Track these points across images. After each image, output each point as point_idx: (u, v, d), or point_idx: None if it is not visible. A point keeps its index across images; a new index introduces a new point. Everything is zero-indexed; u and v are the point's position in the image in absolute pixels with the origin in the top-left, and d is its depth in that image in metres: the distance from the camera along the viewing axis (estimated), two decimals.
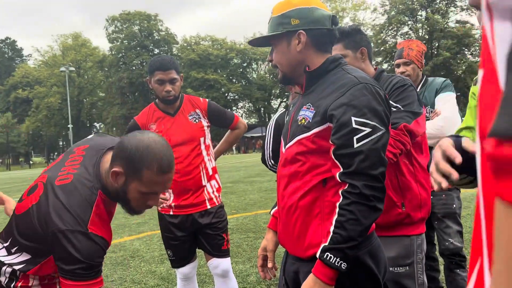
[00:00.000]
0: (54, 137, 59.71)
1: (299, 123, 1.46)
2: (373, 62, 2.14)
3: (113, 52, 55.20)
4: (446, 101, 2.70)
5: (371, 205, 1.27)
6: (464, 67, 47.45)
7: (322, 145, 1.39)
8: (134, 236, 6.20)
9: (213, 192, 2.74)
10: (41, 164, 59.09)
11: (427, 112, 2.63)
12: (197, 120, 2.72)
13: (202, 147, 2.71)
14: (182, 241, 2.72)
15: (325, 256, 1.27)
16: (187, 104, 2.76)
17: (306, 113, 1.45)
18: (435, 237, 2.90)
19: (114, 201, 1.61)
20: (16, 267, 1.54)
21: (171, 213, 2.70)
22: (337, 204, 1.31)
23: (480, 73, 0.42)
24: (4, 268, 1.55)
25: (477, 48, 47.37)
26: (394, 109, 1.82)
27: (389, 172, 1.85)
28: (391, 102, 1.84)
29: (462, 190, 2.92)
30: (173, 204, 2.68)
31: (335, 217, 1.30)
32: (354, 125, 1.31)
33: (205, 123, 2.75)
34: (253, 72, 59.84)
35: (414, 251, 1.90)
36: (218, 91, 52.52)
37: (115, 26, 55.24)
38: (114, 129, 55.41)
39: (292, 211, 1.46)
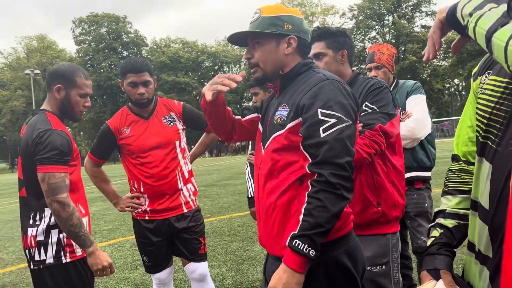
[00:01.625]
0: (19, 142, 57.43)
1: (275, 122, 1.52)
2: None
3: (80, 55, 53.95)
4: (417, 103, 2.77)
5: (338, 193, 1.30)
6: (429, 71, 49.03)
7: (294, 140, 1.44)
8: (105, 242, 6.06)
9: (189, 195, 2.70)
10: (4, 170, 56.79)
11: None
12: (172, 124, 2.68)
13: (178, 150, 2.67)
14: (158, 247, 2.67)
15: (293, 243, 1.29)
16: (162, 107, 2.71)
17: (282, 113, 1.51)
18: (408, 236, 2.97)
19: (61, 117, 2.19)
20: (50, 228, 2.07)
21: (147, 218, 2.65)
22: (306, 193, 1.34)
23: None
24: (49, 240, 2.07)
25: (442, 52, 48.99)
26: (370, 111, 1.87)
27: (365, 172, 1.90)
28: (366, 103, 1.89)
29: (432, 190, 3.01)
30: (148, 209, 2.63)
31: (304, 205, 1.33)
32: (320, 117, 1.36)
33: (180, 126, 2.71)
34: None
35: (390, 250, 1.94)
36: (190, 94, 52.17)
37: (82, 28, 54.03)
38: (82, 133, 54.08)
39: (270, 211, 1.49)
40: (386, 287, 1.92)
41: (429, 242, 1.24)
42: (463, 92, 51.76)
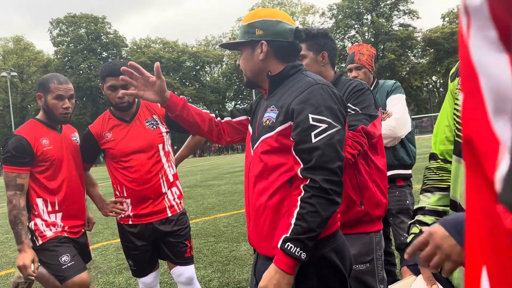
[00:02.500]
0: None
1: (264, 124, 1.54)
2: None
3: (58, 56, 52.94)
4: (397, 103, 2.83)
5: (330, 198, 1.34)
6: (408, 68, 49.81)
7: (284, 143, 1.47)
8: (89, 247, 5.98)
9: (174, 199, 2.67)
10: None
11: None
12: (154, 127, 2.65)
13: (161, 153, 2.64)
14: (143, 251, 2.65)
15: (286, 246, 1.33)
16: (144, 110, 2.68)
17: (270, 114, 1.53)
18: (391, 233, 3.03)
19: (47, 123, 2.53)
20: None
21: (130, 222, 2.62)
22: (299, 198, 1.38)
23: (461, 98, 0.41)
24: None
25: (419, 50, 49.89)
26: (353, 112, 1.91)
27: (348, 172, 1.93)
28: (349, 105, 1.92)
29: (414, 186, 3.08)
30: (131, 214, 2.61)
31: (297, 209, 1.36)
32: (311, 122, 1.39)
33: (163, 129, 2.68)
34: (207, 75, 59.58)
35: (373, 248, 1.98)
36: None
37: (60, 29, 53.00)
38: None
39: (260, 212, 1.52)
40: (371, 284, 1.96)
41: (409, 238, 1.28)
42: (441, 89, 52.77)
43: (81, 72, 52.27)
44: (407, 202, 2.85)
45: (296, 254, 1.32)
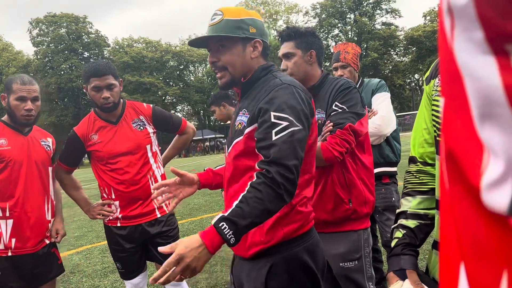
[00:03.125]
0: None
1: (236, 128, 1.55)
2: None
3: (38, 56, 51.92)
4: (382, 101, 2.85)
5: (279, 192, 1.30)
6: (390, 67, 50.45)
7: (251, 145, 1.47)
8: (73, 250, 5.89)
9: (163, 200, 2.66)
10: None
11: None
12: (141, 128, 2.62)
13: (149, 154, 2.61)
14: (132, 253, 2.62)
15: (219, 225, 1.26)
16: (130, 111, 2.64)
17: (242, 118, 1.54)
18: (377, 230, 3.05)
19: (11, 125, 2.48)
20: None
21: (119, 224, 2.59)
22: (249, 183, 1.34)
23: (441, 102, 0.40)
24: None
25: (402, 48, 50.55)
26: (340, 110, 1.92)
27: (336, 170, 1.94)
28: (336, 103, 1.93)
29: (399, 183, 3.11)
30: (120, 216, 2.57)
31: (243, 193, 1.32)
32: (272, 119, 1.39)
33: (150, 129, 2.65)
34: (191, 74, 59.23)
35: (362, 245, 1.99)
36: (155, 94, 51.27)
37: (39, 29, 51.99)
38: None
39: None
40: (360, 282, 1.97)
41: (393, 243, 1.28)
42: (423, 87, 53.52)
43: (62, 72, 51.42)
44: (393, 199, 2.88)
45: (227, 236, 1.25)
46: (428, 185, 1.29)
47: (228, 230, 1.25)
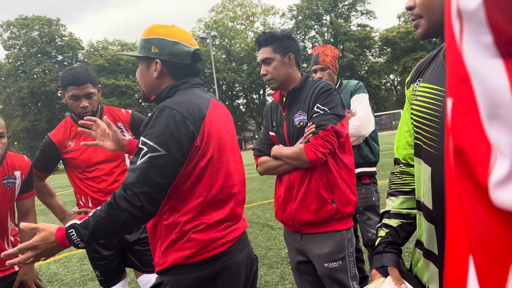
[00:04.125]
0: None
1: None
2: None
3: (10, 60, 50.50)
4: (360, 102, 2.90)
5: (121, 216, 1.33)
6: (366, 68, 51.25)
7: None
8: (50, 259, 5.74)
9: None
10: None
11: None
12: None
13: (127, 162, 2.56)
14: (110, 260, 2.57)
15: (69, 230, 1.38)
16: (108, 117, 2.59)
17: None
18: (358, 230, 3.09)
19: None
20: None
21: None
22: (106, 200, 1.42)
23: (449, 103, 0.40)
24: None
25: (377, 49, 51.44)
26: (322, 112, 1.94)
27: (319, 171, 1.96)
28: (318, 105, 1.95)
29: (378, 182, 3.16)
30: None
31: (98, 207, 1.40)
32: (140, 144, 1.38)
33: (128, 136, 2.57)
34: None
35: (345, 245, 2.02)
36: (131, 97, 50.57)
37: (11, 32, 50.61)
38: (16, 143, 50.74)
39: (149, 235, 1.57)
40: (344, 281, 1.99)
41: (377, 241, 1.32)
42: (399, 87, 54.63)
43: (35, 76, 50.19)
44: (373, 199, 2.92)
45: (75, 241, 1.37)
46: (410, 185, 1.32)
47: (76, 236, 1.36)
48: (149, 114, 1.70)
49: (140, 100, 51.32)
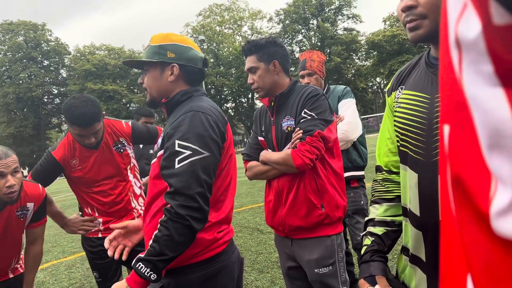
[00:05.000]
0: None
1: (154, 150, 1.60)
2: None
3: None
4: (348, 107, 2.92)
5: (185, 224, 1.35)
6: (353, 71, 51.64)
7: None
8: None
9: (141, 208, 2.73)
10: None
11: None
12: (122, 150, 2.59)
13: (129, 173, 2.65)
14: (110, 262, 2.67)
15: (137, 266, 1.36)
16: (110, 134, 2.59)
17: (159, 140, 1.58)
18: (347, 233, 3.11)
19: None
20: None
21: (100, 235, 2.63)
22: (159, 220, 1.40)
23: (446, 130, 0.40)
24: None
25: (363, 53, 51.89)
26: (309, 117, 1.95)
27: (308, 176, 1.97)
28: (305, 110, 1.96)
29: (367, 184, 3.18)
30: (101, 228, 2.62)
31: (155, 231, 1.39)
32: (176, 148, 1.42)
33: (130, 150, 2.67)
34: None
35: (335, 250, 2.02)
36: (119, 102, 50.11)
37: None
38: None
39: (145, 234, 1.57)
40: (334, 287, 2.00)
41: (362, 250, 1.32)
42: (385, 90, 55.06)
43: (21, 82, 49.48)
44: (362, 202, 2.94)
45: (146, 274, 1.34)
46: (393, 192, 1.33)
47: (145, 268, 1.34)
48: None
49: (128, 105, 50.99)
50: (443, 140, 0.40)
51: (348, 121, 2.83)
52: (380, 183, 1.38)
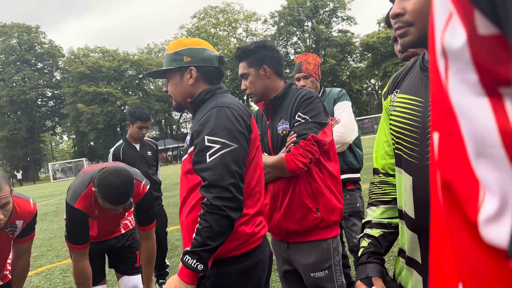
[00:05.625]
0: None
1: (184, 146, 1.64)
2: None
3: None
4: (343, 110, 2.93)
5: (222, 214, 1.42)
6: (348, 73, 51.82)
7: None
8: (32, 271, 5.60)
9: (126, 217, 2.87)
10: None
11: None
12: (128, 207, 2.51)
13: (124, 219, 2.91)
14: (97, 262, 2.80)
15: (184, 258, 1.43)
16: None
17: (187, 138, 1.63)
18: (344, 235, 3.11)
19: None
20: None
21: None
22: (199, 214, 1.47)
23: (436, 136, 0.40)
24: None
25: (358, 55, 52.10)
26: (303, 121, 1.95)
27: (303, 179, 1.97)
28: (299, 113, 1.96)
29: (363, 186, 3.19)
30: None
31: (197, 225, 1.46)
32: (206, 143, 1.49)
33: (132, 207, 2.69)
34: (150, 83, 58.18)
35: (331, 254, 2.02)
36: (113, 104, 49.87)
37: None
38: None
39: (183, 228, 1.63)
40: None
41: (359, 252, 1.33)
42: (379, 91, 55.36)
43: (14, 84, 49.21)
44: (358, 204, 2.94)
45: (193, 265, 1.41)
46: (390, 195, 1.34)
47: (192, 260, 1.41)
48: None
49: (122, 107, 50.81)
50: (433, 146, 0.41)
51: (344, 124, 2.83)
52: (377, 185, 1.38)
